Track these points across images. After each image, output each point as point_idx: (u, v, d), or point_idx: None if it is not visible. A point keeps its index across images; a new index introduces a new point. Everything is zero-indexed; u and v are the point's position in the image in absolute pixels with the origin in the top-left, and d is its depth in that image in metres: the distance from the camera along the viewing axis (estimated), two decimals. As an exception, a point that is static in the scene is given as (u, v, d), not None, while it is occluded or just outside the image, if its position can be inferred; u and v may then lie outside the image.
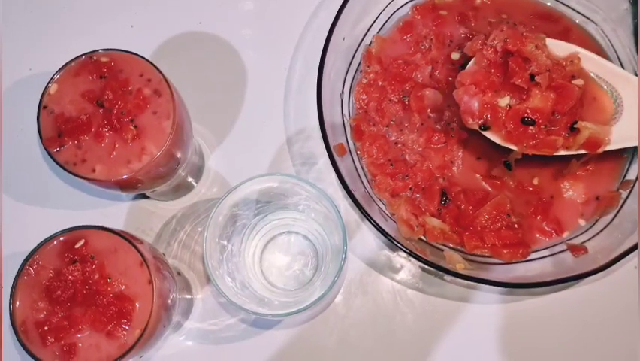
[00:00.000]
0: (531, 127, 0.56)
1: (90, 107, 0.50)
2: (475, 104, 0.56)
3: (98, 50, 0.51)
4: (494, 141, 0.58)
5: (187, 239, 0.64)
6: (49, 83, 0.51)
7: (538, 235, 0.60)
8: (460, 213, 0.60)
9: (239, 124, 0.67)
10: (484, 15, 0.65)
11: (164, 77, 0.51)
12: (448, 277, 0.62)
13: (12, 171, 0.66)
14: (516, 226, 0.60)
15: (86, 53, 0.51)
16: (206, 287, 0.63)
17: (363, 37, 0.64)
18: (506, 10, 0.65)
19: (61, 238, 0.49)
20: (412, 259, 0.61)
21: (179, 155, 0.54)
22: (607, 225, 0.59)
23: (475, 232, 0.59)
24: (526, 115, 0.55)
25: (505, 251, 0.58)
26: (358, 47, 0.64)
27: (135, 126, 0.50)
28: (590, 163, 0.61)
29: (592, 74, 0.58)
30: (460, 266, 0.56)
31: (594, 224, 0.60)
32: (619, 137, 0.57)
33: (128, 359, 0.48)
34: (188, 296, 0.63)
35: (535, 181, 0.61)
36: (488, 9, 0.65)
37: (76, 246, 0.48)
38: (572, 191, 0.61)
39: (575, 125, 0.56)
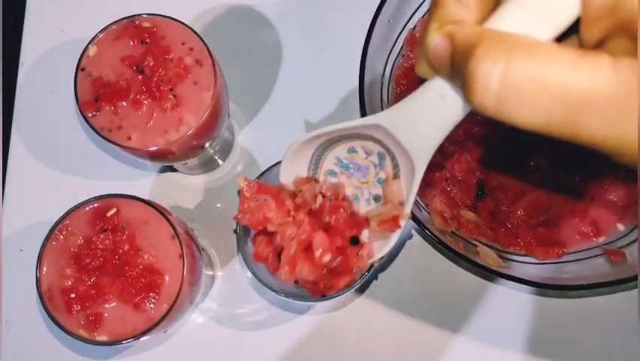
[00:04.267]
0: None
1: (129, 72, 0.49)
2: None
3: (140, 14, 0.49)
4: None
5: (211, 215, 0.63)
6: (89, 44, 0.49)
7: (575, 236, 0.58)
8: (496, 209, 0.58)
9: (271, 102, 0.65)
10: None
11: (207, 46, 0.49)
12: (479, 274, 0.60)
13: (34, 134, 0.64)
14: (552, 224, 0.58)
15: (127, 17, 0.49)
16: (227, 266, 0.62)
17: (408, 21, 0.61)
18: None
19: (94, 205, 0.47)
20: (445, 252, 0.59)
21: (215, 128, 0.53)
22: (645, 232, 0.57)
23: (511, 230, 0.57)
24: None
25: (539, 249, 0.56)
26: (402, 29, 0.61)
27: (174, 96, 0.48)
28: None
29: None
30: (494, 263, 0.55)
31: (632, 230, 0.58)
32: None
33: (152, 333, 0.47)
34: (210, 273, 0.62)
35: (577, 179, 0.59)
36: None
37: (108, 214, 0.47)
38: (613, 194, 0.59)
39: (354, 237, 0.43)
